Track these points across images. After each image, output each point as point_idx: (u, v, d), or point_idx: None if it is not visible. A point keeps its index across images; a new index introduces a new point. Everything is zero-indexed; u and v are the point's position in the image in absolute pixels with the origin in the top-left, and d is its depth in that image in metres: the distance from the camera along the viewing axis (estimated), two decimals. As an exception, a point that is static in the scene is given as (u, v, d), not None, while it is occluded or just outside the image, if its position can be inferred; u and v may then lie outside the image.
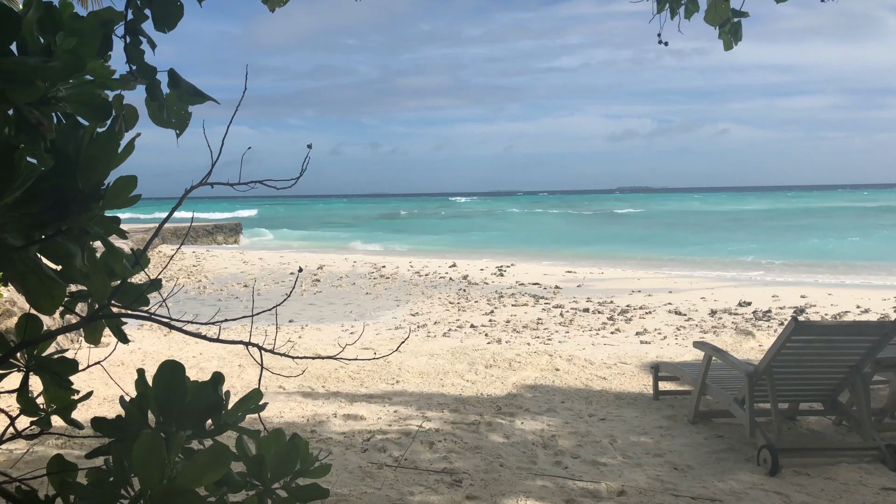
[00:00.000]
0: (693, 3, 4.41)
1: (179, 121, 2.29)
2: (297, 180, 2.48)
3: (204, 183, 2.16)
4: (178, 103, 2.26)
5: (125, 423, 1.85)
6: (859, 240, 28.23)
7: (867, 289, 13.94)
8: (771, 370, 4.66)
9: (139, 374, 1.86)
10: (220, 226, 34.15)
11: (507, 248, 25.92)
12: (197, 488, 1.54)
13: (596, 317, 10.99)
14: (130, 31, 2.22)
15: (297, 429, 5.19)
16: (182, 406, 1.87)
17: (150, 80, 2.21)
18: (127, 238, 1.84)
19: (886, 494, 4.04)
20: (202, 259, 21.39)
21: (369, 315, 11.56)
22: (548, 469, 4.43)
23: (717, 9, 4.34)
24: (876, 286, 14.49)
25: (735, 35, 4.40)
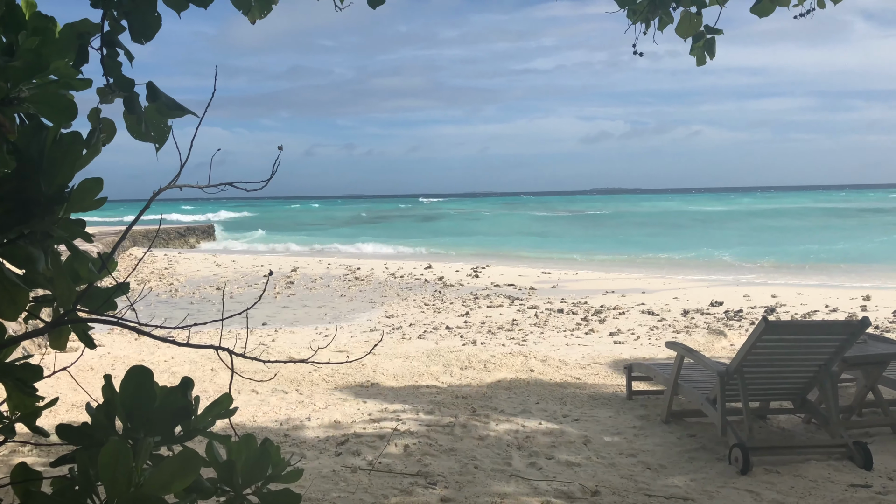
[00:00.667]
0: (667, 15, 4.45)
1: (159, 134, 2.25)
2: (267, 182, 2.46)
3: (173, 185, 2.13)
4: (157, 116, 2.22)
5: (91, 430, 1.82)
6: (828, 240, 28.72)
7: (836, 288, 14.18)
8: (742, 370, 4.72)
9: (106, 380, 1.82)
10: (193, 228, 33.81)
11: (482, 249, 25.98)
12: (165, 495, 1.51)
13: (570, 317, 11.05)
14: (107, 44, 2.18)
15: (271, 433, 5.14)
16: (150, 412, 1.84)
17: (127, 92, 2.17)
18: (93, 241, 1.81)
19: (854, 491, 4.11)
20: (174, 262, 21.15)
21: (344, 317, 11.51)
22: (522, 470, 4.44)
23: (690, 22, 4.38)
24: (844, 286, 14.75)
25: (709, 51, 4.44)
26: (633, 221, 48.59)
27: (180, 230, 32.32)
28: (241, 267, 19.65)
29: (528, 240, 31.59)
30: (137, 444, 1.70)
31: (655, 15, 4.46)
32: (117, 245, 2.03)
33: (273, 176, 2.43)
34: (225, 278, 17.01)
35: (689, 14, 4.40)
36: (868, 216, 47.57)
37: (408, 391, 6.44)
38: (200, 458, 1.62)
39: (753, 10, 4.39)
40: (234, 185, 2.31)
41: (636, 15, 4.48)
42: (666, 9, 4.43)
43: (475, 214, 67.68)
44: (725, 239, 30.86)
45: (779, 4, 4.34)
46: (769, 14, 4.43)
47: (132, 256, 21.24)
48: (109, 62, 2.06)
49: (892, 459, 4.61)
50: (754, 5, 4.37)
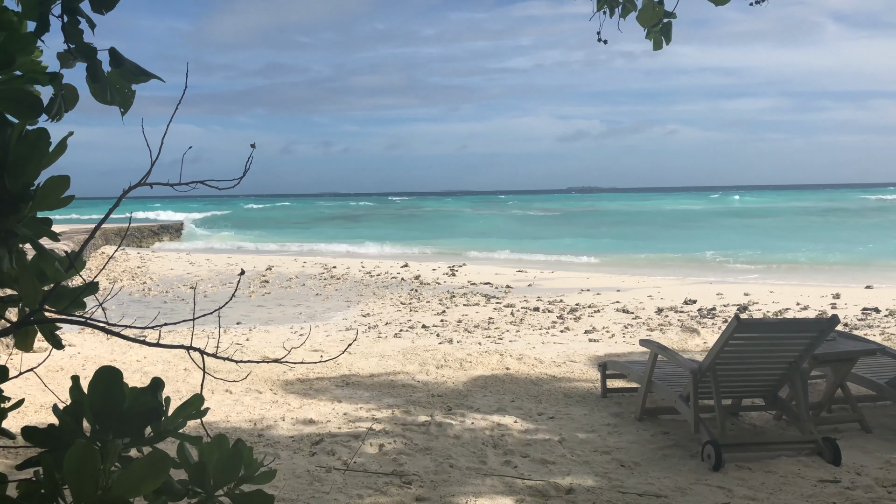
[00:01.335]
0: (630, 2, 4.48)
1: (123, 99, 2.22)
2: (240, 180, 2.43)
3: (143, 183, 2.10)
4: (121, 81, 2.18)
5: (58, 432, 1.78)
6: (801, 239, 29.15)
7: (807, 286, 14.39)
8: (714, 367, 4.77)
9: (73, 381, 1.79)
10: (166, 226, 33.45)
11: (459, 248, 26.00)
12: (134, 498, 1.49)
13: (546, 315, 11.10)
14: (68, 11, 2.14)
15: (244, 433, 5.10)
16: (119, 413, 1.81)
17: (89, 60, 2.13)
18: (59, 240, 1.78)
19: (823, 486, 4.17)
20: (147, 260, 20.91)
21: (319, 316, 11.45)
22: (497, 468, 4.45)
23: (651, 10, 4.41)
24: (815, 284, 14.98)
25: (666, 35, 4.47)
26: (608, 220, 48.93)
27: (153, 228, 31.96)
28: (215, 266, 19.47)
29: (505, 238, 31.67)
30: (106, 447, 1.67)
31: (618, 3, 4.49)
32: (86, 243, 2.00)
33: (246, 174, 2.41)
34: (199, 277, 16.85)
35: (651, 3, 4.42)
36: (839, 216, 48.36)
37: (383, 390, 6.43)
38: (170, 459, 1.59)
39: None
40: (205, 184, 2.28)
41: (600, 3, 4.51)
42: None
43: (452, 213, 67.72)
44: (700, 237, 31.19)
45: None
46: (726, 2, 4.46)
47: (104, 255, 20.96)
48: (70, 29, 2.03)
49: (861, 455, 4.69)
50: None
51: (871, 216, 45.83)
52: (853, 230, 33.84)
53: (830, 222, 41.18)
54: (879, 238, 27.94)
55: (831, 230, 34.54)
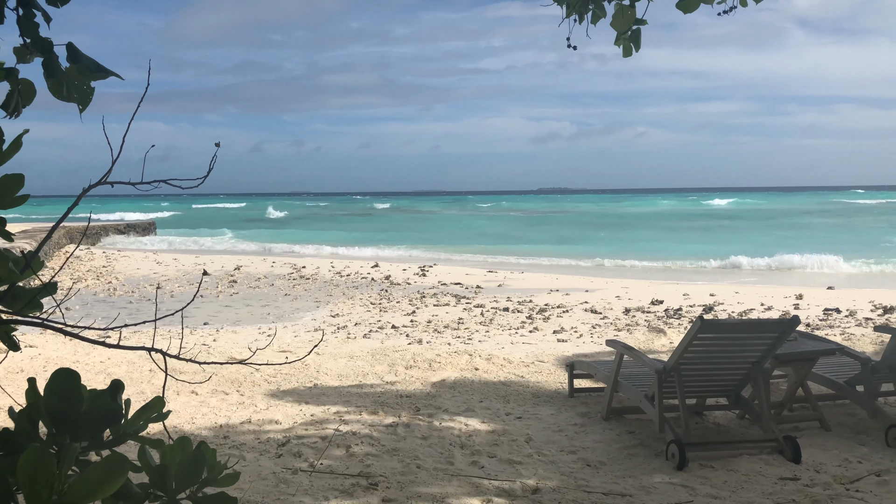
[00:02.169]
0: (600, 8, 4.51)
1: (82, 96, 2.18)
2: (204, 179, 2.40)
3: (103, 182, 2.07)
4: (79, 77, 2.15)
5: (13, 436, 1.75)
6: (766, 240, 29.65)
7: (771, 286, 14.65)
8: (679, 367, 4.84)
9: (30, 384, 1.76)
10: (133, 225, 32.96)
11: (430, 248, 26.00)
12: (92, 503, 1.47)
13: (515, 316, 11.15)
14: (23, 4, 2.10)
15: (210, 435, 5.05)
16: (77, 416, 1.78)
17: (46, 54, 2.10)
18: (13, 240, 1.74)
19: (783, 484, 4.25)
20: (113, 259, 20.57)
21: (288, 317, 11.37)
22: (464, 469, 4.46)
23: (623, 15, 4.45)
24: (779, 284, 15.25)
25: (635, 42, 4.51)
26: (579, 221, 49.31)
27: (120, 227, 31.45)
28: (182, 265, 19.23)
29: (476, 239, 31.75)
30: (62, 450, 1.64)
31: (587, 9, 4.52)
32: (43, 243, 1.96)
33: (210, 173, 2.38)
34: (166, 277, 16.63)
35: (623, 7, 4.45)
36: (807, 218, 49.31)
37: (352, 391, 6.40)
38: (129, 462, 1.57)
39: (679, 6, 4.47)
40: (168, 183, 2.25)
41: (570, 8, 4.53)
42: (599, 2, 4.49)
43: (424, 213, 67.70)
44: (666, 238, 31.57)
45: (703, 2, 4.43)
46: (694, 10, 4.51)
47: (68, 254, 20.57)
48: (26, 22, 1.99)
49: (820, 453, 4.78)
50: (680, 1, 4.45)
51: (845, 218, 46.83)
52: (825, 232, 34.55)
53: (798, 223, 41.97)
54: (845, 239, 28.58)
55: (797, 231, 35.20)
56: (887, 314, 10.92)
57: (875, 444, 4.95)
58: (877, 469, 4.48)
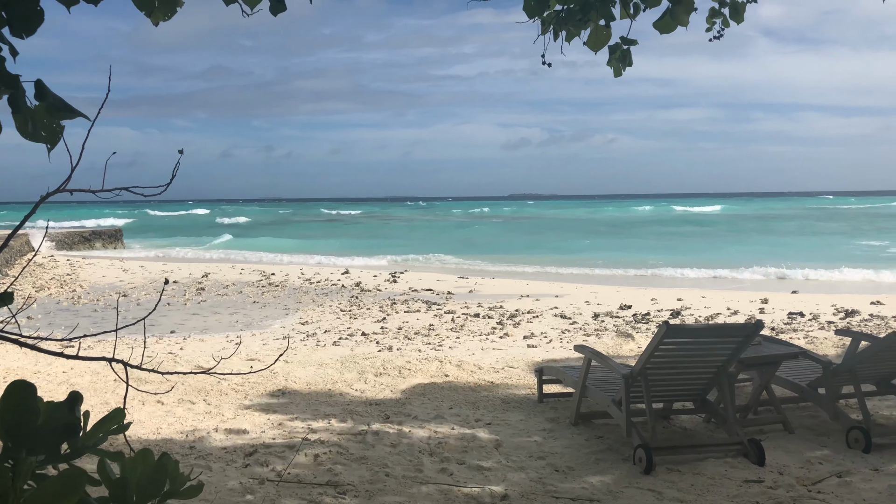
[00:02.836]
0: (575, 27, 4.56)
1: (50, 134, 2.15)
2: (167, 186, 2.38)
3: (62, 189, 2.04)
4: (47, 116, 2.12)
5: (-35, 451, 1.71)
6: (732, 245, 30.11)
7: (737, 291, 14.88)
8: (645, 371, 4.88)
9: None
10: (99, 232, 32.42)
11: (401, 254, 25.95)
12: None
13: (486, 322, 11.17)
14: None
15: (175, 445, 4.98)
16: (33, 429, 1.74)
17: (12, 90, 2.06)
18: (-35, 250, 1.71)
19: (748, 486, 4.31)
20: (78, 267, 20.21)
21: (256, 325, 11.27)
22: (433, 476, 4.45)
23: (598, 35, 4.50)
24: (745, 288, 15.49)
25: (624, 62, 4.57)
26: (549, 227, 49.61)
27: (85, 234, 30.93)
28: (149, 273, 18.96)
29: (447, 245, 31.77)
30: (18, 465, 1.61)
31: (564, 27, 4.56)
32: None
33: (173, 179, 2.36)
34: (132, 284, 16.38)
35: (599, 27, 4.51)
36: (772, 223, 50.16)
37: (320, 399, 6.36)
38: (87, 476, 1.54)
39: (656, 25, 4.55)
40: (129, 190, 2.22)
41: (545, 26, 4.57)
42: (574, 21, 4.54)
43: (395, 219, 67.59)
44: (636, 244, 31.91)
45: (680, 24, 4.51)
46: (671, 31, 4.60)
47: (32, 262, 20.17)
48: None
49: (783, 455, 4.86)
50: (657, 21, 4.53)
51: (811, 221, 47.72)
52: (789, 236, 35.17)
53: (764, 228, 42.68)
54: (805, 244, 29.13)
55: (764, 236, 35.81)
56: (849, 317, 11.15)
57: (836, 446, 5.04)
58: (838, 470, 4.56)
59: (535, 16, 4.56)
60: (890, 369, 5.48)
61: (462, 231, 46.41)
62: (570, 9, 4.41)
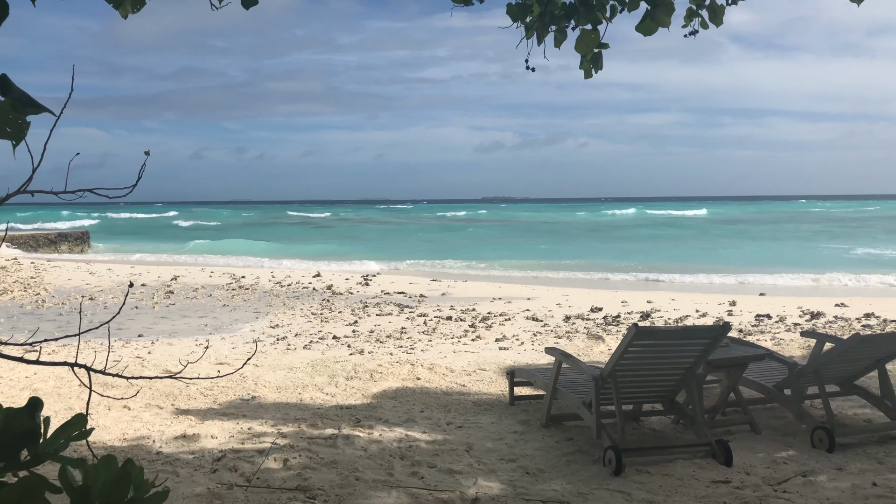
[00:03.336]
0: (561, 32, 4.57)
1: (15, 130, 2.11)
2: (132, 188, 2.34)
3: (22, 191, 2.00)
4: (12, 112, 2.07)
5: (-81, 460, 1.67)
6: (702, 248, 30.50)
7: (706, 293, 15.07)
8: (615, 374, 4.92)
9: (-61, 404, 1.67)
10: (65, 234, 31.86)
11: (375, 257, 25.88)
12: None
13: (458, 324, 11.17)
14: None
15: (142, 451, 4.90)
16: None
17: None
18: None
19: (715, 487, 4.36)
20: (42, 270, 19.82)
21: (226, 328, 11.14)
22: (404, 480, 4.43)
23: (587, 39, 4.52)
24: (714, 291, 15.70)
25: (596, 64, 4.60)
26: (522, 230, 49.82)
27: (51, 237, 30.37)
28: (117, 276, 18.66)
29: (420, 247, 31.76)
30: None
31: (547, 31, 4.58)
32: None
33: (139, 181, 2.32)
34: (99, 288, 16.11)
35: (586, 31, 4.53)
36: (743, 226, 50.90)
37: (290, 404, 6.30)
38: (47, 483, 1.51)
39: (638, 28, 4.58)
40: (94, 192, 2.19)
41: (529, 30, 4.58)
42: (560, 25, 4.56)
43: (368, 221, 67.38)
44: (610, 247, 32.18)
45: (661, 25, 4.54)
46: (653, 33, 4.63)
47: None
48: None
49: (750, 455, 4.92)
50: (639, 24, 4.57)
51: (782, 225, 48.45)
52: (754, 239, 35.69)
53: (732, 232, 43.29)
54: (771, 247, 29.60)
55: (734, 239, 36.33)
56: (814, 319, 11.35)
57: (802, 446, 5.12)
58: (803, 470, 4.63)
59: (517, 20, 4.57)
60: (853, 370, 5.59)
61: (435, 234, 46.42)
62: (554, 14, 4.43)
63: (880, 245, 31.19)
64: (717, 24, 4.80)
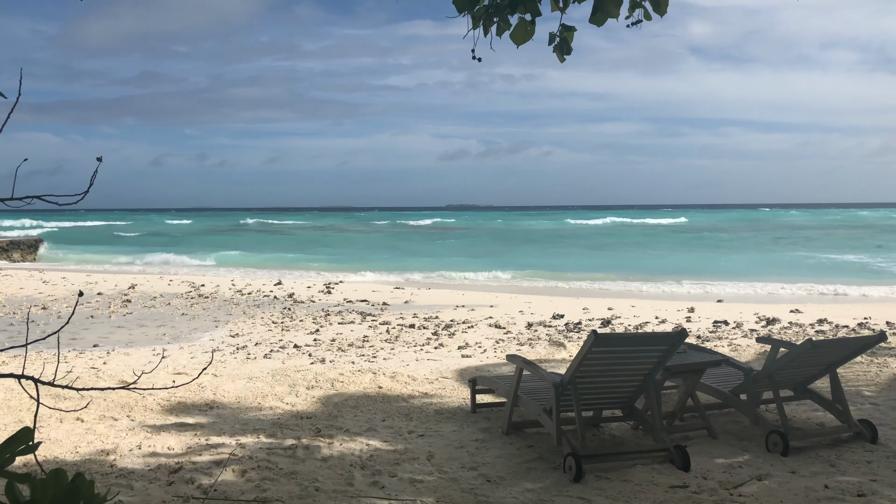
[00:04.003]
0: (505, 21, 4.61)
1: None
2: (84, 195, 2.29)
3: (-34, 199, 1.94)
4: None
5: None
6: (662, 256, 30.94)
7: (666, 300, 15.29)
8: (575, 380, 4.95)
9: None
10: (17, 242, 31.04)
11: (336, 264, 25.72)
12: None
13: (421, 332, 11.15)
14: None
15: (95, 464, 4.78)
16: (-71, 452, 1.65)
17: None
18: None
19: (673, 492, 4.41)
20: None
21: (184, 337, 10.96)
22: (364, 490, 4.40)
23: (524, 30, 4.56)
24: (673, 298, 15.94)
25: (563, 50, 4.64)
26: (486, 237, 50.00)
27: (2, 244, 29.56)
28: (72, 284, 18.24)
29: (384, 255, 31.66)
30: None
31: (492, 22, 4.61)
32: None
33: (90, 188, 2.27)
34: (53, 297, 15.72)
35: (524, 21, 4.56)
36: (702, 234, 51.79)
37: (250, 414, 6.22)
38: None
39: (592, 20, 4.63)
40: (42, 199, 2.14)
41: (475, 20, 4.61)
42: (503, 15, 4.59)
43: (332, 228, 66.96)
44: (572, 254, 32.46)
45: (609, 16, 4.60)
46: (602, 24, 4.68)
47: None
48: None
49: (707, 460, 4.99)
50: (591, 16, 4.62)
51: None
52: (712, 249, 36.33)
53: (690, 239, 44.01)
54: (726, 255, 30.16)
55: (691, 246, 36.94)
56: (770, 325, 11.59)
57: (757, 450, 5.21)
58: (758, 473, 4.71)
59: (464, 10, 4.59)
60: (806, 375, 5.71)
61: (399, 241, 46.32)
62: (498, 3, 4.46)
63: (838, 251, 32.04)
64: (660, 14, 4.86)
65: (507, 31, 4.63)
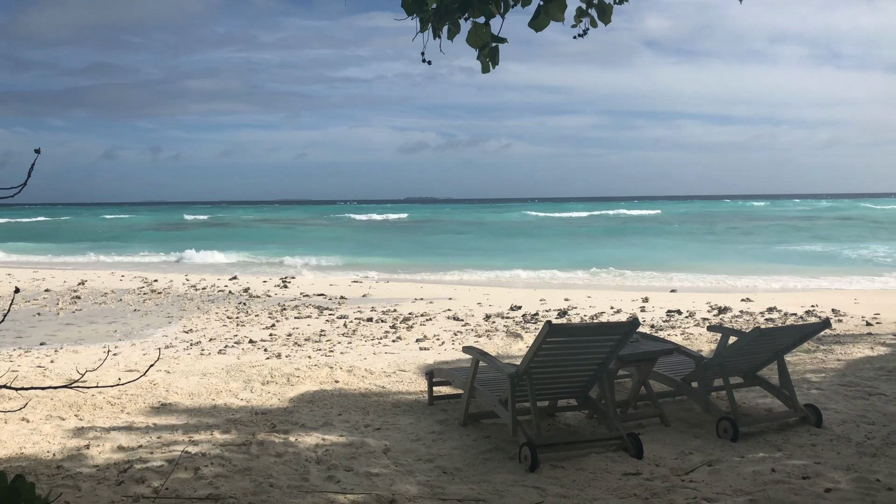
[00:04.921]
0: (455, 25, 4.58)
1: None
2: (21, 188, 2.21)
3: None
4: None
5: None
6: (614, 248, 31.36)
7: (620, 290, 15.50)
8: (530, 371, 4.98)
9: None
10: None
11: (294, 259, 25.44)
12: None
13: (379, 326, 11.11)
14: None
15: (41, 465, 4.65)
16: None
17: None
18: None
19: (626, 479, 4.47)
20: (-65, 276, 18.62)
21: (136, 334, 10.73)
22: (319, 485, 4.36)
23: (478, 32, 4.54)
24: (628, 288, 16.17)
25: (493, 59, 4.62)
26: (445, 230, 50.03)
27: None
28: (17, 280, 17.72)
29: (342, 248, 31.43)
30: None
31: (443, 24, 4.58)
32: None
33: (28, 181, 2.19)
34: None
35: (477, 25, 4.55)
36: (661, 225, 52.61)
37: (203, 410, 6.12)
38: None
39: (531, 24, 4.63)
40: (-25, 193, 2.06)
41: (423, 24, 4.57)
42: (453, 18, 4.56)
43: (289, 222, 66.22)
44: (530, 246, 32.69)
45: (553, 19, 4.60)
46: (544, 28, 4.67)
47: None
48: None
49: (660, 447, 5.08)
50: (531, 20, 4.62)
51: (678, 226, 50.23)
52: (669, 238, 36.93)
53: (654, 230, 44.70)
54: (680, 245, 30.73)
55: (644, 237, 37.51)
56: (722, 314, 11.83)
57: (708, 437, 5.32)
58: (709, 459, 4.81)
59: (413, 13, 4.55)
60: (755, 362, 5.84)
61: (357, 234, 46.07)
62: (448, 6, 4.43)
63: (790, 242, 32.88)
64: (605, 23, 4.89)
65: (457, 35, 4.61)
